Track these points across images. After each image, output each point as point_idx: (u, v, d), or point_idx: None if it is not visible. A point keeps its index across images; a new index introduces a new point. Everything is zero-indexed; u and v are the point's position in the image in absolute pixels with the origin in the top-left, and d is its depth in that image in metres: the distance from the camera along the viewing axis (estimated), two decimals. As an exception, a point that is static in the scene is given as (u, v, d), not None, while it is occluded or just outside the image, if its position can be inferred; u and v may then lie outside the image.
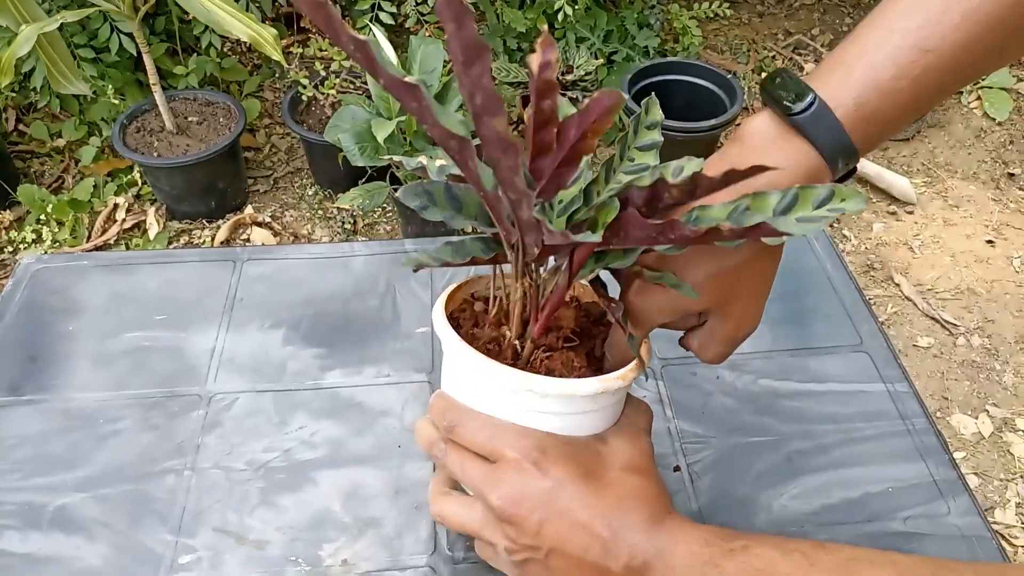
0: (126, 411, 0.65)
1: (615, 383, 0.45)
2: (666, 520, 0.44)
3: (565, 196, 0.46)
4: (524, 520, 0.44)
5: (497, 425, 0.46)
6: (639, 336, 0.47)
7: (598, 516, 0.43)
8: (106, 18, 1.81)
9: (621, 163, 0.48)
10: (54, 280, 0.76)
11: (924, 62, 0.41)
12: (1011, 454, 1.45)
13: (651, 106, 0.48)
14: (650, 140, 0.48)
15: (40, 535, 0.57)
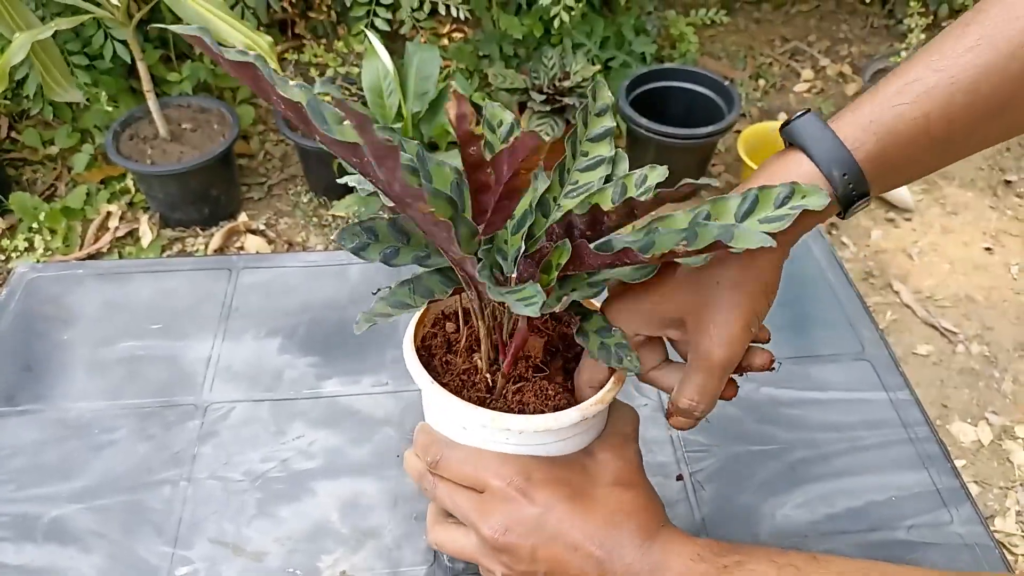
0: (121, 421, 0.64)
1: (594, 408, 0.45)
2: (659, 534, 0.44)
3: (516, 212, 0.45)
4: (518, 548, 0.44)
5: (480, 456, 0.46)
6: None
7: (590, 536, 0.43)
8: (100, 25, 1.81)
9: (574, 160, 0.47)
10: (48, 289, 0.75)
11: (933, 80, 0.39)
12: (1011, 462, 1.45)
13: (598, 89, 0.47)
14: (602, 128, 0.47)
15: (34, 547, 0.56)
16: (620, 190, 0.44)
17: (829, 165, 0.40)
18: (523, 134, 0.36)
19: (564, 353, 0.50)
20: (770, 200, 0.39)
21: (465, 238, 0.40)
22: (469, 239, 0.40)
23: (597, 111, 0.47)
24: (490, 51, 2.14)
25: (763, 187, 0.39)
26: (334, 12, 2.16)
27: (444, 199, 0.39)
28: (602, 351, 0.44)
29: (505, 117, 0.47)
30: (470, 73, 2.15)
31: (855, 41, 2.55)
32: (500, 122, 0.47)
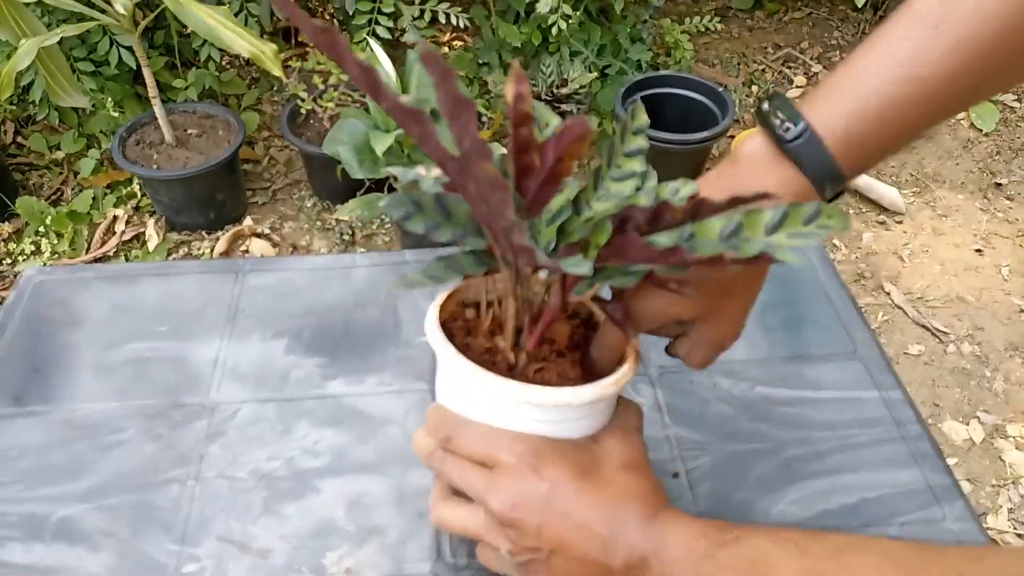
0: (129, 421, 0.65)
1: (610, 389, 0.46)
2: (661, 515, 0.45)
3: (553, 206, 0.47)
4: (525, 523, 0.45)
5: (492, 432, 0.47)
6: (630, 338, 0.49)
7: (596, 515, 0.44)
8: (105, 32, 1.82)
9: (608, 170, 0.49)
10: (56, 292, 0.76)
11: (912, 90, 0.42)
12: (1002, 460, 1.46)
13: (637, 112, 0.48)
14: (636, 146, 0.48)
15: (43, 546, 0.57)
16: (653, 199, 0.45)
17: (823, 182, 0.45)
18: (571, 120, 0.37)
19: (584, 347, 0.52)
20: (799, 218, 0.40)
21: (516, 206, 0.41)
22: (518, 209, 0.41)
23: (634, 130, 0.48)
24: (489, 59, 2.16)
25: (792, 204, 0.40)
26: (336, 20, 2.18)
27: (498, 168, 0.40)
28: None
29: (552, 120, 0.48)
30: (470, 80, 2.17)
31: (847, 48, 2.57)
32: (547, 124, 0.48)
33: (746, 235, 0.41)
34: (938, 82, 0.42)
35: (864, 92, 0.43)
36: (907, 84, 0.42)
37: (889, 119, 0.43)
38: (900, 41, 0.43)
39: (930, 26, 0.42)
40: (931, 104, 0.43)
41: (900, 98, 0.43)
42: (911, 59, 0.42)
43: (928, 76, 0.42)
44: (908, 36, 0.43)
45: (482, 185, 0.37)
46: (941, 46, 0.42)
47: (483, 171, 0.36)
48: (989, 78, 0.44)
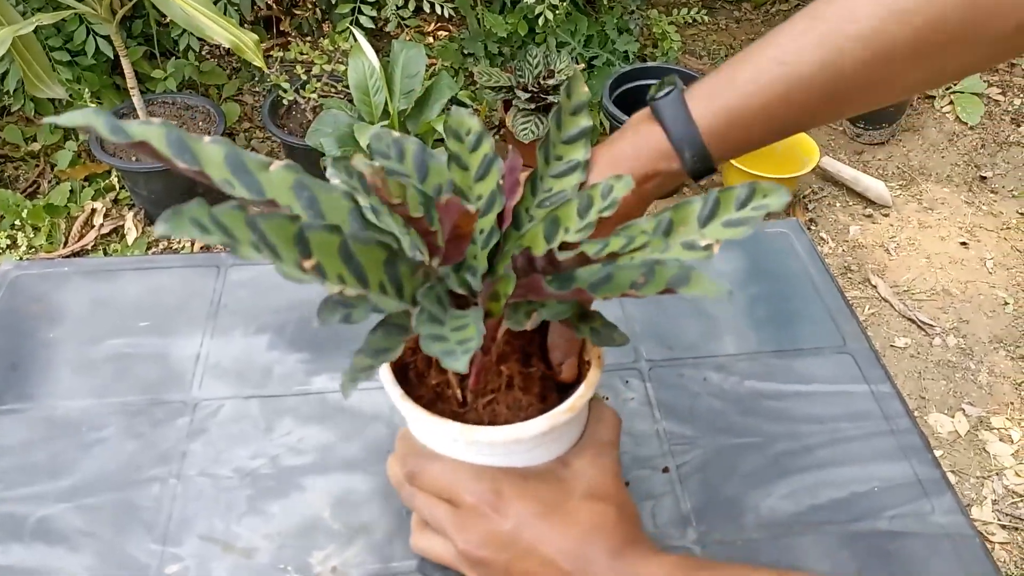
0: (110, 419, 0.64)
1: (563, 416, 0.45)
2: (630, 550, 0.44)
3: (483, 225, 0.45)
4: (492, 562, 0.45)
5: (454, 470, 0.46)
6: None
7: (561, 552, 0.44)
8: (82, 21, 1.79)
9: (548, 166, 0.46)
10: (34, 287, 0.75)
11: (779, 72, 0.45)
12: (987, 452, 1.48)
13: (574, 84, 0.46)
14: (577, 128, 0.46)
15: (22, 547, 0.56)
16: (586, 202, 0.43)
17: (681, 144, 0.46)
18: (448, 201, 0.35)
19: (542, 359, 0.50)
20: (731, 202, 0.39)
21: (405, 274, 0.39)
22: (410, 275, 0.39)
23: (572, 109, 0.46)
24: (475, 49, 2.14)
25: (723, 189, 0.40)
26: (319, 9, 2.16)
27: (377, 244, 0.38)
28: (594, 335, 0.44)
29: (473, 125, 0.46)
30: (455, 71, 2.15)
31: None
32: (468, 130, 0.46)
33: (662, 259, 0.38)
34: (802, 68, 0.44)
35: (734, 66, 0.46)
36: (774, 65, 0.45)
37: (753, 94, 0.45)
38: (779, 32, 0.46)
39: (807, 18, 0.45)
40: (795, 91, 0.45)
41: (765, 76, 0.45)
42: (781, 46, 0.45)
43: (793, 62, 0.44)
44: (785, 28, 0.46)
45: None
46: (810, 37, 0.44)
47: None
48: (854, 84, 0.45)
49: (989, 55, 0.45)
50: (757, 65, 0.45)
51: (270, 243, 0.32)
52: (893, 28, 0.42)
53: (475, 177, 0.46)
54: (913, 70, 0.45)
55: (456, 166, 0.45)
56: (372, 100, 1.50)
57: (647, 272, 0.37)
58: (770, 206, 0.38)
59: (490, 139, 0.46)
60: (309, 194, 0.38)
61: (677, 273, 0.36)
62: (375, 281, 0.37)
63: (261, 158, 0.37)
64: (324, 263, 0.34)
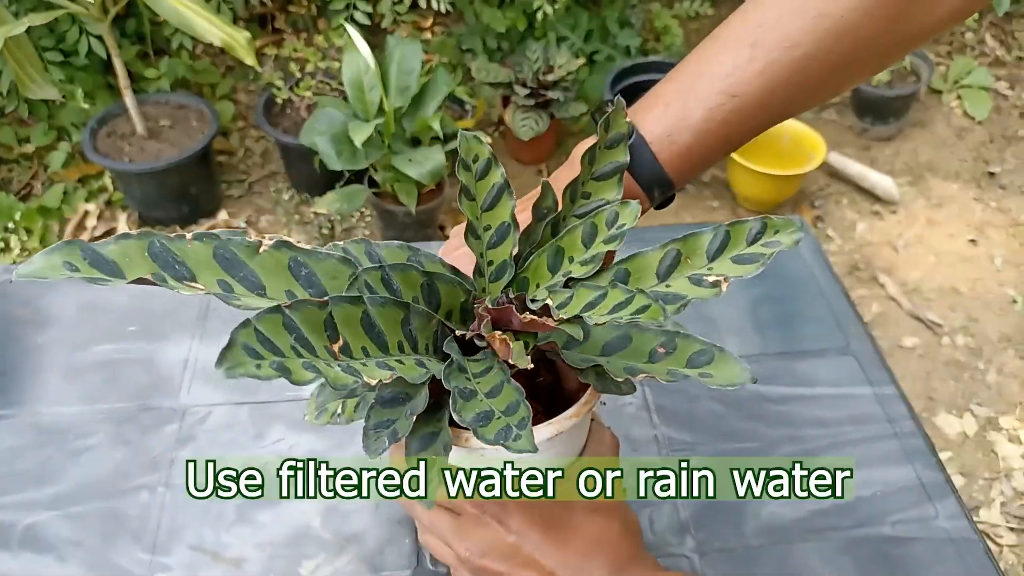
0: (98, 426, 0.63)
1: (568, 422, 0.44)
2: (630, 568, 0.45)
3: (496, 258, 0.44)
4: (492, 571, 0.45)
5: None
6: None
7: (562, 565, 0.44)
8: (74, 20, 1.78)
9: (573, 206, 0.44)
10: (23, 291, 0.74)
11: (731, 106, 0.46)
12: (995, 453, 1.46)
13: (616, 116, 0.44)
14: (612, 164, 0.44)
15: (9, 555, 0.55)
16: (590, 231, 0.42)
17: (651, 185, 0.47)
18: (531, 324, 0.34)
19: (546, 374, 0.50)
20: (742, 236, 0.39)
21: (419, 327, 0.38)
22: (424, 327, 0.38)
23: (609, 142, 0.44)
24: (473, 45, 2.13)
25: (734, 222, 0.39)
26: (314, 6, 2.14)
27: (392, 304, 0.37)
28: (600, 381, 0.43)
29: (482, 152, 0.44)
30: (453, 67, 2.14)
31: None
32: (476, 157, 0.44)
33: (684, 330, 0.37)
34: (752, 98, 0.46)
35: (687, 104, 0.47)
36: (725, 100, 0.46)
37: (710, 131, 0.46)
38: (721, 58, 0.46)
39: (747, 45, 0.46)
40: (747, 118, 0.47)
41: (718, 113, 0.46)
42: (729, 77, 0.46)
43: (743, 94, 0.45)
44: (727, 54, 0.46)
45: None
46: (754, 67, 0.45)
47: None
48: (798, 97, 0.47)
49: (908, 50, 0.48)
50: (707, 100, 0.46)
51: (305, 339, 0.33)
52: (833, 45, 0.45)
53: (482, 207, 0.44)
54: (852, 76, 0.48)
55: (465, 198, 0.44)
56: (367, 97, 1.48)
57: (667, 343, 0.37)
58: (782, 243, 0.38)
59: (500, 168, 0.44)
60: (307, 271, 0.37)
61: (700, 351, 0.35)
62: (394, 343, 0.37)
63: (249, 243, 0.36)
64: (349, 340, 0.35)
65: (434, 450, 0.38)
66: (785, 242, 0.38)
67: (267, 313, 0.32)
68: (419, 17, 2.20)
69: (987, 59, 2.40)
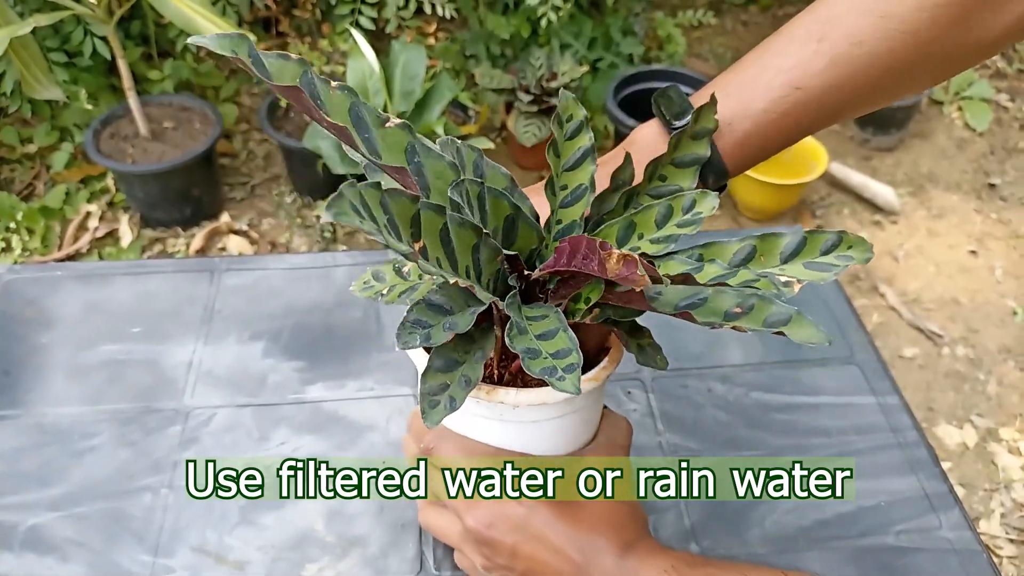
0: (101, 426, 0.63)
1: (588, 384, 0.45)
2: (636, 546, 0.45)
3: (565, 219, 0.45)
4: (499, 543, 0.45)
5: (471, 448, 0.47)
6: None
7: (571, 541, 0.45)
8: (79, 21, 1.78)
9: (649, 185, 0.46)
10: (27, 291, 0.74)
11: (793, 98, 0.46)
12: (995, 464, 1.46)
13: (705, 112, 0.45)
14: (693, 155, 0.45)
15: (12, 556, 0.55)
16: (665, 212, 0.43)
17: (705, 171, 0.48)
18: (629, 261, 0.35)
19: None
20: (817, 245, 0.40)
21: (487, 260, 0.39)
22: (491, 260, 0.40)
23: (696, 133, 0.46)
24: (477, 51, 2.13)
25: (811, 232, 0.40)
26: (318, 10, 2.14)
27: (470, 227, 0.38)
28: (640, 352, 0.45)
29: (577, 112, 0.46)
30: (457, 73, 2.14)
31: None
32: (570, 116, 0.46)
33: (757, 295, 0.38)
34: (815, 92, 0.46)
35: (749, 95, 0.47)
36: (788, 92, 0.46)
37: (770, 122, 0.47)
38: (786, 51, 0.47)
39: (814, 40, 0.46)
40: (809, 112, 0.47)
41: (781, 104, 0.47)
42: (793, 69, 0.46)
43: (806, 87, 0.46)
44: (792, 47, 0.47)
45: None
46: (820, 61, 0.46)
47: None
48: (862, 95, 0.47)
49: (976, 59, 0.48)
50: (770, 91, 0.47)
51: (395, 224, 0.35)
52: (897, 46, 0.45)
53: (564, 166, 0.46)
54: (914, 79, 0.48)
55: (552, 152, 0.46)
56: (371, 102, 1.49)
57: (744, 303, 0.37)
58: (854, 259, 0.39)
59: (590, 132, 0.46)
60: (419, 160, 0.39)
61: (777, 312, 0.36)
62: (463, 266, 0.38)
63: (379, 114, 0.39)
64: (428, 245, 0.36)
65: (453, 376, 0.39)
66: (857, 258, 0.39)
67: (370, 187, 0.34)
68: (423, 22, 2.21)
69: (988, 71, 2.41)
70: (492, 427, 0.46)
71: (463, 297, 0.40)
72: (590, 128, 0.46)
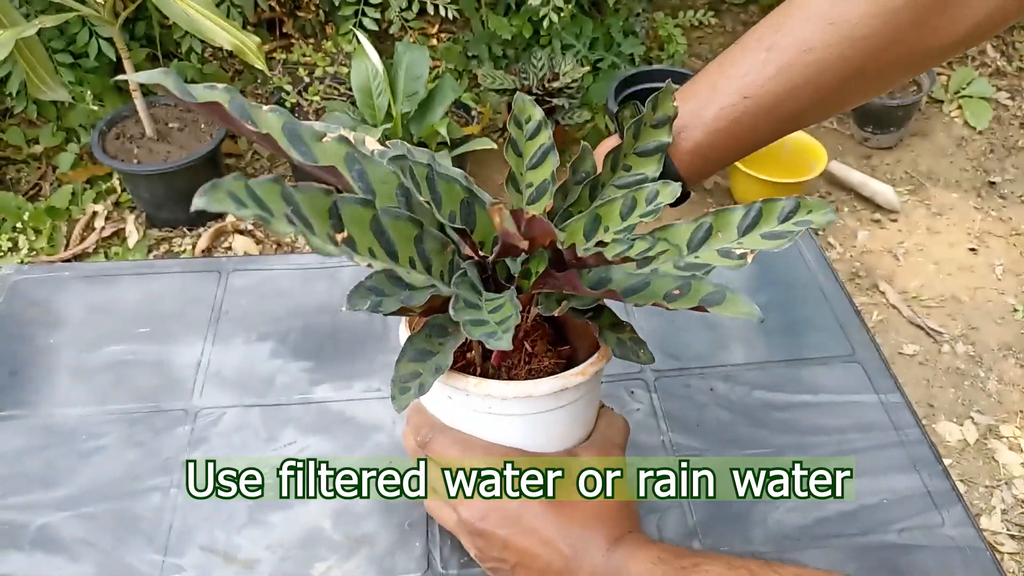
0: (109, 427, 0.63)
1: (575, 379, 0.45)
2: (624, 540, 0.46)
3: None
4: (492, 535, 0.46)
5: (466, 441, 0.48)
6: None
7: (562, 534, 0.45)
8: (85, 23, 1.79)
9: (613, 175, 0.46)
10: (34, 291, 0.74)
11: (743, 106, 0.46)
12: (996, 461, 1.46)
13: (663, 97, 0.46)
14: (655, 143, 0.46)
15: (22, 555, 0.55)
16: (630, 204, 0.44)
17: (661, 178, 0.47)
18: (533, 220, 0.36)
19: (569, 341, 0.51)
20: (774, 214, 0.40)
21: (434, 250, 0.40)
22: (439, 251, 0.40)
23: (655, 122, 0.46)
24: (479, 51, 2.13)
25: (767, 200, 0.40)
26: (322, 11, 2.15)
27: (405, 219, 0.38)
28: (619, 346, 0.46)
29: (534, 113, 0.47)
30: (459, 73, 2.14)
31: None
32: (528, 118, 0.47)
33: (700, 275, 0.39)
34: (765, 100, 0.46)
35: (702, 104, 0.47)
36: (737, 101, 0.47)
37: (720, 130, 0.47)
38: (739, 60, 0.47)
39: (764, 49, 0.46)
40: (758, 120, 0.47)
41: (731, 112, 0.47)
42: (743, 78, 0.47)
43: (755, 95, 0.46)
44: (745, 55, 0.47)
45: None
46: (768, 70, 0.46)
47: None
48: (812, 103, 0.47)
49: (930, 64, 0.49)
50: (720, 100, 0.47)
51: (303, 216, 0.33)
52: (847, 52, 0.45)
53: (528, 165, 0.47)
54: (868, 84, 0.48)
55: (512, 152, 0.47)
56: (375, 103, 1.49)
57: (683, 286, 0.38)
58: (814, 222, 0.40)
59: (549, 129, 0.47)
60: (360, 168, 0.39)
61: (713, 292, 0.37)
62: (404, 257, 0.38)
63: (315, 129, 0.38)
64: (356, 236, 0.35)
65: (425, 366, 0.40)
66: (817, 221, 0.39)
67: (267, 181, 0.33)
68: (426, 23, 2.21)
69: (988, 69, 2.40)
70: (483, 421, 0.47)
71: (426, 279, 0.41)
72: (548, 127, 0.47)
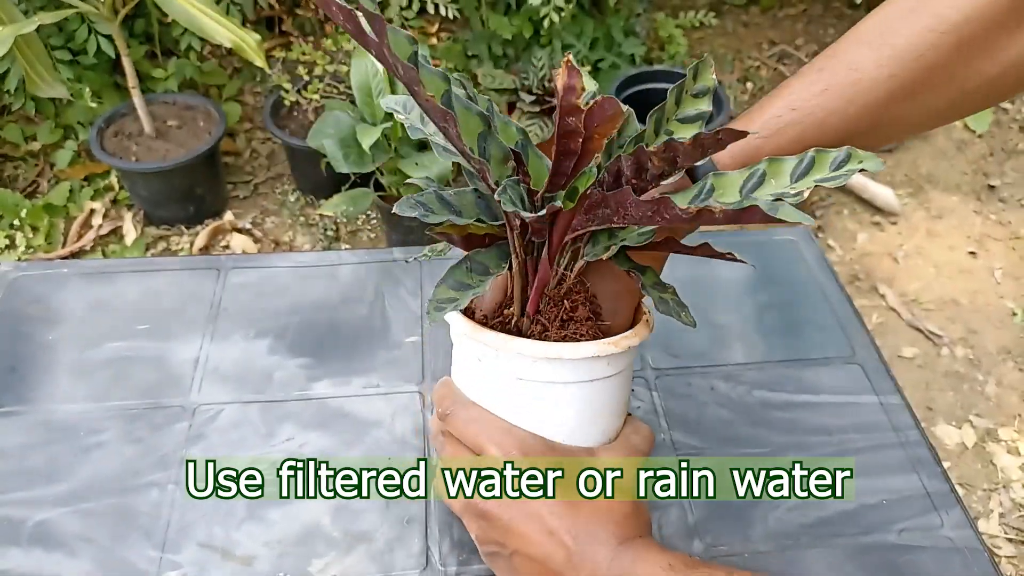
0: (108, 423, 0.63)
1: (608, 347, 0.45)
2: (635, 542, 0.45)
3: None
4: (495, 517, 0.46)
5: (485, 420, 0.48)
6: None
7: (567, 526, 0.44)
8: (83, 19, 1.79)
9: (656, 138, 0.46)
10: (33, 289, 0.74)
11: (788, 118, 0.49)
12: (994, 464, 1.47)
13: (703, 68, 0.46)
14: (695, 111, 0.46)
15: (20, 551, 0.55)
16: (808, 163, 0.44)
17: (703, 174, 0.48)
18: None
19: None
20: (826, 163, 0.40)
21: (495, 158, 0.41)
22: (500, 161, 0.42)
23: (696, 91, 0.46)
24: (479, 51, 2.13)
25: (819, 150, 0.41)
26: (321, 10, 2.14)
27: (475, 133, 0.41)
28: (662, 304, 0.47)
29: (589, 86, 0.46)
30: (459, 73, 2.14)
31: (842, 45, 2.56)
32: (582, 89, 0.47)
33: (769, 188, 0.40)
34: (808, 114, 0.48)
35: (751, 117, 0.50)
36: (784, 112, 0.49)
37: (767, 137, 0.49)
38: (792, 83, 0.50)
39: (815, 71, 0.49)
40: (806, 134, 0.48)
41: (775, 123, 0.49)
42: (791, 95, 0.49)
43: (801, 108, 0.48)
44: (799, 80, 0.50)
45: (434, 115, 0.40)
46: (816, 87, 0.48)
47: (423, 97, 0.38)
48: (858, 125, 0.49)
49: (982, 98, 0.50)
50: (767, 112, 0.49)
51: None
52: (897, 70, 0.47)
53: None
54: (915, 110, 0.49)
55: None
56: (375, 101, 1.49)
57: (746, 189, 0.40)
58: (867, 168, 0.40)
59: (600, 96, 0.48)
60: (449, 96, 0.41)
61: (769, 206, 0.38)
62: (468, 143, 0.40)
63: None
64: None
65: (462, 295, 0.43)
66: (869, 166, 0.40)
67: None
68: (426, 22, 2.21)
69: (989, 73, 2.41)
70: (509, 391, 0.47)
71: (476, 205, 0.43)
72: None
